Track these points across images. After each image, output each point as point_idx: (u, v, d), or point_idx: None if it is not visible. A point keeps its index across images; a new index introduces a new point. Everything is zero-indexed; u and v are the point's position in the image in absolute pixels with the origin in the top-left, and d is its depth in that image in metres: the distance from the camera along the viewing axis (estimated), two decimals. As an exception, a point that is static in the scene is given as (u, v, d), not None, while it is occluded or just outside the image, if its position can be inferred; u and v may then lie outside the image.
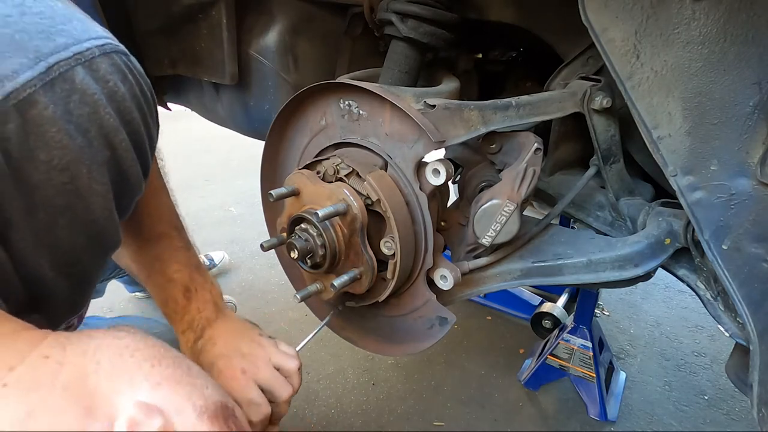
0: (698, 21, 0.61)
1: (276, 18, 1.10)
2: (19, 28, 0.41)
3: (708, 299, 0.77)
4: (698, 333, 2.08)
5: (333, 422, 1.56)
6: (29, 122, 0.41)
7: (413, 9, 0.86)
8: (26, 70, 0.40)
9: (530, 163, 0.75)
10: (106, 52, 0.47)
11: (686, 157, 0.67)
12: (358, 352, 1.80)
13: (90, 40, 0.46)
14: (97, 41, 0.47)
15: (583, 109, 0.82)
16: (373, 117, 0.76)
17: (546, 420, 1.61)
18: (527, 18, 0.96)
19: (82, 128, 0.45)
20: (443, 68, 1.06)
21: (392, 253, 0.76)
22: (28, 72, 0.40)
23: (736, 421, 1.63)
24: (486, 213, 0.75)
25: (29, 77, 0.40)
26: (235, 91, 1.21)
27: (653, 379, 1.81)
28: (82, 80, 0.44)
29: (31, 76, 0.41)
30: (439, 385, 1.73)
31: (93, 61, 0.46)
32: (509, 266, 0.86)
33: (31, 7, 0.44)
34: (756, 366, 0.68)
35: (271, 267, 2.38)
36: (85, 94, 0.45)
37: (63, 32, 0.44)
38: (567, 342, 1.64)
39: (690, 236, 0.75)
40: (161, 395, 0.41)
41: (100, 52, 0.47)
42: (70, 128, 0.44)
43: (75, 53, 0.44)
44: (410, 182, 0.76)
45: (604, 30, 0.67)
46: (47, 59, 0.42)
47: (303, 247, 0.74)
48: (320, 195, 0.75)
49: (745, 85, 0.61)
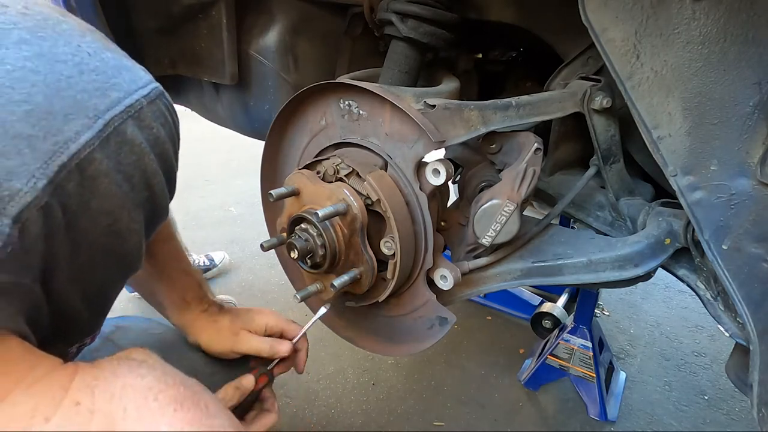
0: (698, 21, 0.61)
1: (276, 18, 1.10)
2: (79, 88, 0.44)
3: (708, 299, 0.77)
4: (698, 333, 2.08)
5: (333, 422, 1.56)
6: (87, 178, 0.44)
7: (413, 9, 0.86)
8: (86, 130, 0.44)
9: (530, 163, 0.75)
10: (151, 99, 0.51)
11: (686, 157, 0.67)
12: (358, 352, 1.80)
13: (138, 91, 0.50)
14: (144, 90, 0.50)
15: (583, 109, 0.82)
16: (373, 117, 0.76)
17: (546, 420, 1.61)
18: (527, 18, 0.96)
19: (127, 175, 0.48)
20: (443, 68, 1.06)
21: (392, 253, 0.76)
22: (88, 132, 0.44)
23: (736, 421, 1.63)
24: (486, 213, 0.75)
25: (89, 137, 0.44)
26: (235, 91, 1.21)
27: (653, 379, 1.81)
28: (132, 132, 0.48)
29: (91, 136, 0.44)
30: (439, 385, 1.73)
31: (141, 111, 0.49)
32: (509, 266, 0.86)
33: (88, 64, 0.46)
34: (756, 366, 0.68)
35: (271, 267, 2.38)
36: (133, 144, 0.48)
37: (115, 86, 0.47)
38: (567, 342, 1.64)
39: (690, 236, 0.75)
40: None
41: (147, 101, 0.50)
42: (119, 178, 0.47)
43: (126, 107, 0.47)
44: (410, 182, 0.76)
45: (604, 30, 0.67)
46: (104, 116, 0.45)
47: (303, 247, 0.74)
48: (320, 195, 0.75)
49: (745, 85, 0.61)
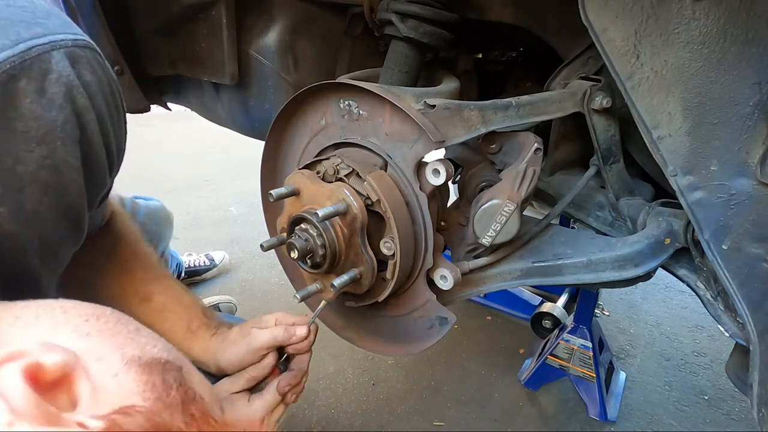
0: (698, 21, 0.61)
1: (276, 18, 1.10)
2: (3, 15, 0.47)
3: (708, 299, 0.77)
4: (698, 333, 2.08)
5: (333, 422, 1.56)
6: (6, 93, 0.45)
7: (413, 9, 0.86)
8: (6, 49, 0.45)
9: (530, 163, 0.75)
10: (79, 45, 0.51)
11: (686, 157, 0.67)
12: (358, 352, 1.80)
13: (65, 34, 0.50)
14: (72, 36, 0.51)
15: (583, 109, 0.82)
16: (373, 117, 0.76)
17: (546, 420, 1.61)
18: (527, 18, 0.96)
19: (56, 104, 0.48)
20: (443, 68, 1.06)
21: (392, 253, 0.76)
22: (8, 51, 0.45)
23: (736, 421, 1.63)
24: (486, 213, 0.75)
25: (8, 55, 0.45)
26: (235, 91, 1.21)
27: (653, 379, 1.81)
28: (58, 62, 0.48)
29: (11, 54, 0.45)
30: (439, 385, 1.73)
31: (68, 49, 0.50)
32: (509, 266, 0.86)
33: (17, 1, 0.49)
34: (756, 366, 0.68)
35: (271, 267, 2.38)
36: (60, 75, 0.48)
37: (42, 24, 0.49)
38: (567, 342, 1.64)
39: (690, 236, 0.75)
40: (84, 343, 0.38)
41: (74, 45, 0.51)
42: (44, 102, 0.47)
43: (51, 41, 0.48)
44: (410, 182, 0.75)
45: (604, 30, 0.67)
46: (26, 42, 0.46)
47: (303, 247, 0.74)
48: (320, 195, 0.75)
49: (745, 85, 0.61)
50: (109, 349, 0.39)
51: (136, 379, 0.38)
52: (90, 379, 0.36)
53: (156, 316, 0.81)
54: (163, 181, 3.40)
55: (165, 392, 0.39)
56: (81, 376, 0.35)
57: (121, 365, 0.38)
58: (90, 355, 0.37)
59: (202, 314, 0.85)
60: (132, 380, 0.38)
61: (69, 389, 0.35)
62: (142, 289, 0.83)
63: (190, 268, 2.22)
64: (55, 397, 0.34)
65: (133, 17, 1.12)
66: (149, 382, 0.39)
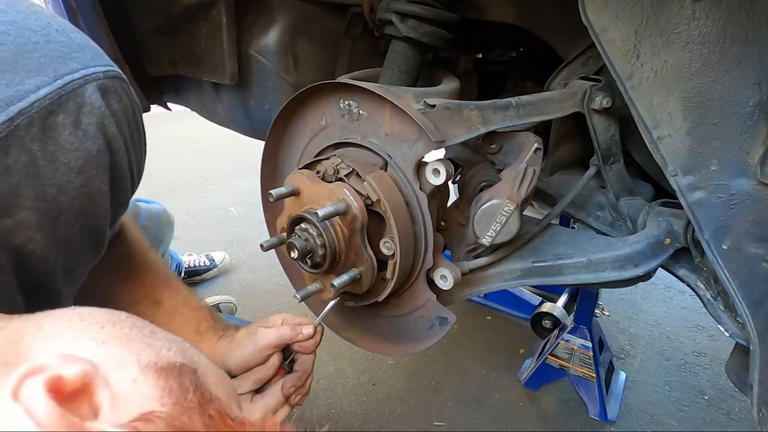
0: (698, 21, 0.61)
1: (276, 18, 1.10)
2: (43, 53, 0.51)
3: (708, 299, 0.77)
4: (698, 333, 2.08)
5: (333, 422, 1.55)
6: (48, 127, 0.49)
7: (413, 9, 0.86)
8: (46, 86, 0.49)
9: (530, 163, 0.75)
10: (109, 77, 0.56)
11: (686, 157, 0.67)
12: (358, 352, 1.80)
13: (97, 66, 0.55)
14: (102, 68, 0.56)
15: (583, 109, 0.82)
16: (373, 117, 0.76)
17: (546, 420, 1.61)
18: (527, 18, 0.96)
19: (90, 135, 0.52)
20: (443, 68, 1.06)
21: (392, 253, 0.76)
22: (47, 88, 0.49)
23: (736, 421, 1.63)
24: (486, 213, 0.75)
25: (48, 92, 0.49)
26: (235, 91, 1.21)
27: (653, 379, 1.81)
28: (91, 95, 0.53)
29: (50, 90, 0.49)
30: (439, 385, 1.73)
31: (100, 81, 0.55)
32: (509, 266, 0.86)
33: (55, 37, 0.53)
34: (756, 366, 0.68)
35: (271, 267, 2.38)
36: (93, 106, 0.53)
37: (76, 59, 0.53)
38: (567, 342, 1.64)
39: (690, 236, 0.75)
40: (102, 351, 0.39)
41: (105, 76, 0.56)
42: (80, 134, 0.51)
43: (84, 75, 0.53)
44: (410, 182, 0.76)
45: (604, 30, 0.67)
46: (62, 78, 0.51)
47: (303, 247, 0.74)
48: (320, 195, 0.75)
49: (745, 85, 0.61)
50: (125, 355, 0.40)
51: (154, 385, 0.39)
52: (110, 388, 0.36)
53: (165, 320, 0.82)
54: (163, 181, 3.39)
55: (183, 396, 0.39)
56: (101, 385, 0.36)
57: (138, 372, 0.39)
58: (108, 364, 0.38)
59: (209, 317, 0.86)
60: (149, 386, 0.38)
61: (90, 399, 0.35)
62: (152, 294, 0.84)
63: (190, 268, 2.22)
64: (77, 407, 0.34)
65: (133, 17, 1.12)
66: (166, 387, 0.39)
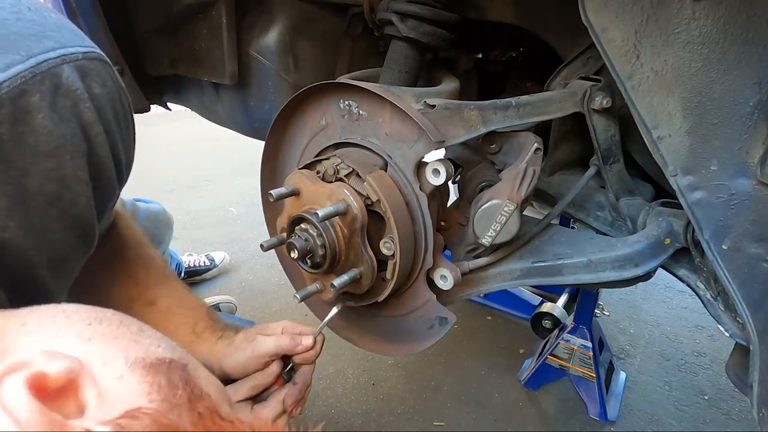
0: (698, 21, 0.61)
1: (276, 18, 1.10)
2: (14, 30, 0.47)
3: (708, 299, 0.77)
4: (698, 333, 2.08)
5: (333, 422, 1.55)
6: (19, 110, 0.45)
7: (413, 9, 0.86)
8: (18, 64, 0.45)
9: (530, 163, 0.75)
10: (89, 58, 0.52)
11: (686, 157, 0.67)
12: (358, 352, 1.80)
13: (76, 47, 0.51)
14: (82, 48, 0.52)
15: (583, 109, 0.82)
16: (373, 117, 0.76)
17: (546, 420, 1.61)
18: (527, 18, 0.96)
19: (64, 118, 0.49)
20: (443, 68, 1.06)
21: (392, 254, 0.76)
22: (19, 66, 0.45)
23: (736, 421, 1.63)
24: (486, 213, 0.75)
25: (20, 70, 0.45)
26: (235, 91, 1.21)
27: (653, 379, 1.81)
28: (68, 77, 0.49)
29: (22, 69, 0.45)
30: (439, 385, 1.73)
31: (78, 62, 0.50)
32: (509, 266, 0.86)
33: (26, 15, 0.49)
34: (756, 366, 0.68)
35: (271, 267, 2.38)
36: (69, 89, 0.49)
37: (52, 37, 0.49)
38: (567, 342, 1.64)
39: (690, 236, 0.75)
40: (88, 348, 0.38)
41: (84, 57, 0.51)
42: (55, 117, 0.48)
43: (61, 54, 0.49)
44: (410, 182, 0.76)
45: (604, 30, 0.67)
46: (37, 56, 0.47)
47: (303, 247, 0.74)
48: (320, 195, 0.75)
49: (745, 85, 0.61)
50: (113, 352, 0.39)
51: (141, 381, 0.38)
52: (96, 384, 0.36)
53: (160, 319, 0.81)
54: (163, 181, 3.39)
55: (171, 392, 0.39)
56: (87, 381, 0.35)
57: (125, 368, 0.38)
58: (95, 360, 0.37)
59: (207, 317, 0.84)
60: (137, 382, 0.38)
61: (76, 396, 0.35)
62: (147, 293, 0.83)
63: (190, 268, 2.22)
64: (62, 404, 0.34)
65: (133, 17, 1.12)
66: (154, 384, 0.38)
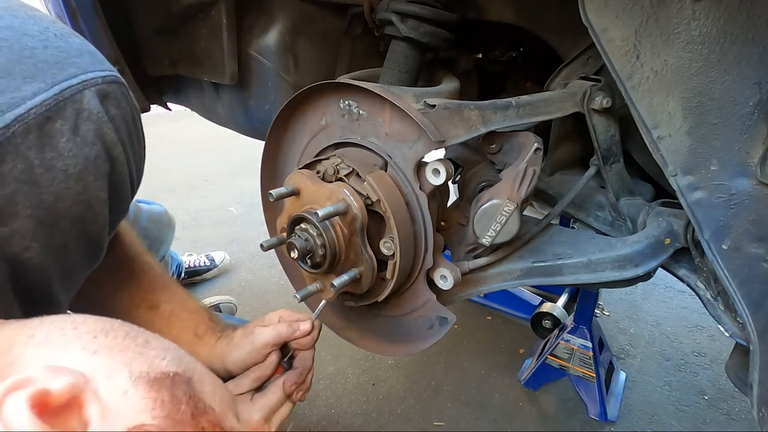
0: (698, 21, 0.61)
1: (276, 18, 1.10)
2: (41, 58, 0.51)
3: (708, 299, 0.77)
4: (698, 333, 2.08)
5: (333, 422, 1.56)
6: (45, 134, 0.48)
7: (413, 9, 0.86)
8: (42, 92, 0.49)
9: (530, 163, 0.75)
10: (108, 81, 0.55)
11: (686, 157, 0.67)
12: (358, 352, 1.80)
13: (95, 72, 0.54)
14: (101, 73, 0.55)
15: (583, 109, 0.82)
16: (373, 117, 0.76)
17: (546, 420, 1.61)
18: (527, 18, 0.96)
19: (88, 141, 0.52)
20: (443, 68, 1.06)
21: (392, 254, 0.76)
22: (44, 94, 0.49)
23: (736, 421, 1.63)
24: (486, 213, 0.75)
25: (45, 98, 0.49)
26: (235, 91, 1.21)
27: (653, 379, 1.81)
28: (89, 101, 0.52)
29: (46, 97, 0.49)
30: (439, 385, 1.73)
31: (98, 86, 0.54)
32: (509, 266, 0.86)
33: (52, 42, 0.53)
34: (756, 366, 0.68)
35: (271, 267, 2.38)
36: (91, 112, 0.52)
37: (74, 64, 0.53)
38: (567, 342, 1.64)
39: (690, 236, 0.75)
40: (93, 361, 0.38)
41: (104, 81, 0.55)
42: (77, 140, 0.51)
43: (83, 80, 0.52)
44: (410, 182, 0.75)
45: (604, 30, 0.67)
46: (60, 84, 0.50)
47: (303, 247, 0.74)
48: (320, 195, 0.75)
49: (745, 85, 0.61)
50: (117, 366, 0.39)
51: (145, 397, 0.38)
52: (99, 400, 0.36)
53: (163, 324, 0.82)
54: (163, 181, 3.39)
55: (174, 408, 0.39)
56: (90, 397, 0.35)
57: (129, 383, 0.38)
58: (99, 374, 0.37)
59: (208, 319, 0.86)
60: (140, 398, 0.38)
61: (79, 412, 0.35)
62: (149, 299, 0.84)
63: (190, 268, 2.22)
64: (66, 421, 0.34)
65: (133, 17, 1.12)
66: (158, 399, 0.39)
